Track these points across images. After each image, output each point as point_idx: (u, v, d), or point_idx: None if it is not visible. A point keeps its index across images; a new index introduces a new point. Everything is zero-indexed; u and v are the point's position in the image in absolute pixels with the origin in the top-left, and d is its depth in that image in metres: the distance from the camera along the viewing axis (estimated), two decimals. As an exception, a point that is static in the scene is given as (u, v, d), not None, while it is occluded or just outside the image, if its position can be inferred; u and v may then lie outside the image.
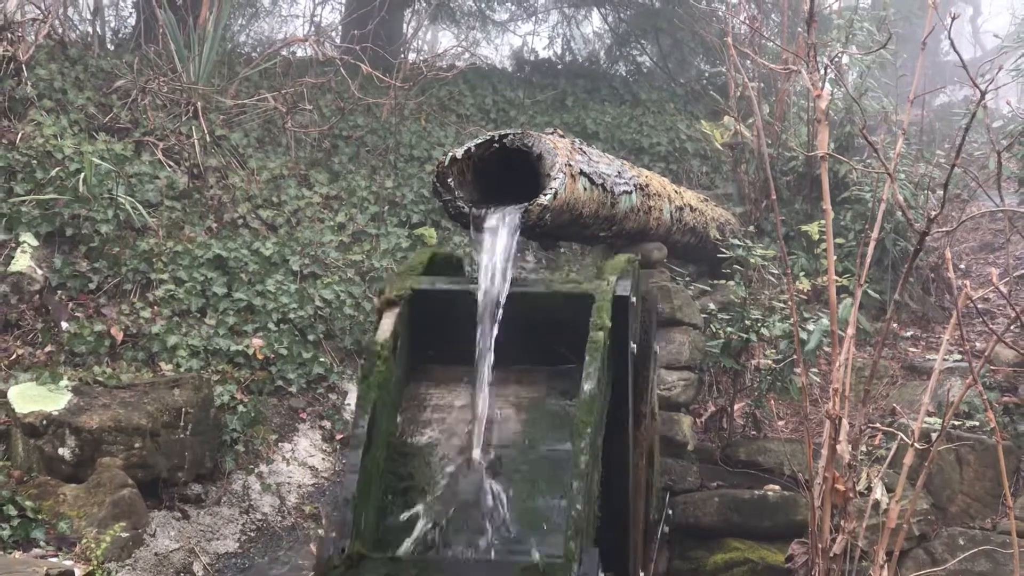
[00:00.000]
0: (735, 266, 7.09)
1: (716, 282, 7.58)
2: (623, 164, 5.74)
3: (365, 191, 9.05)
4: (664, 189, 6.55)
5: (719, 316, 6.87)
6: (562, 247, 8.61)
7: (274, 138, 9.54)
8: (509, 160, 4.27)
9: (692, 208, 7.17)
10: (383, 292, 3.65)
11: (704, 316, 6.99)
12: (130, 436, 5.73)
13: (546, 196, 4.09)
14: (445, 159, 4.19)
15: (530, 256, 8.49)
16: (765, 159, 5.29)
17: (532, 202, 4.05)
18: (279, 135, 9.54)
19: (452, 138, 10.42)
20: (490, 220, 3.97)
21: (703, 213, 7.46)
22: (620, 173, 5.41)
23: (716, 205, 8.32)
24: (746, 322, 6.63)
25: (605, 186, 5.00)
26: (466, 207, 4.10)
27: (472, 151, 4.23)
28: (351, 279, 7.81)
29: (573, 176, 4.41)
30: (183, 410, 6.00)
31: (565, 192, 4.25)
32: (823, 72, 4.26)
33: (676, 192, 6.94)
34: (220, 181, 8.44)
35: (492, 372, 3.53)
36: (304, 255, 7.80)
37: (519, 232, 3.97)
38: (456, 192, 4.13)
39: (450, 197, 4.12)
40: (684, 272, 7.47)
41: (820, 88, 3.98)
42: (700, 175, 11.39)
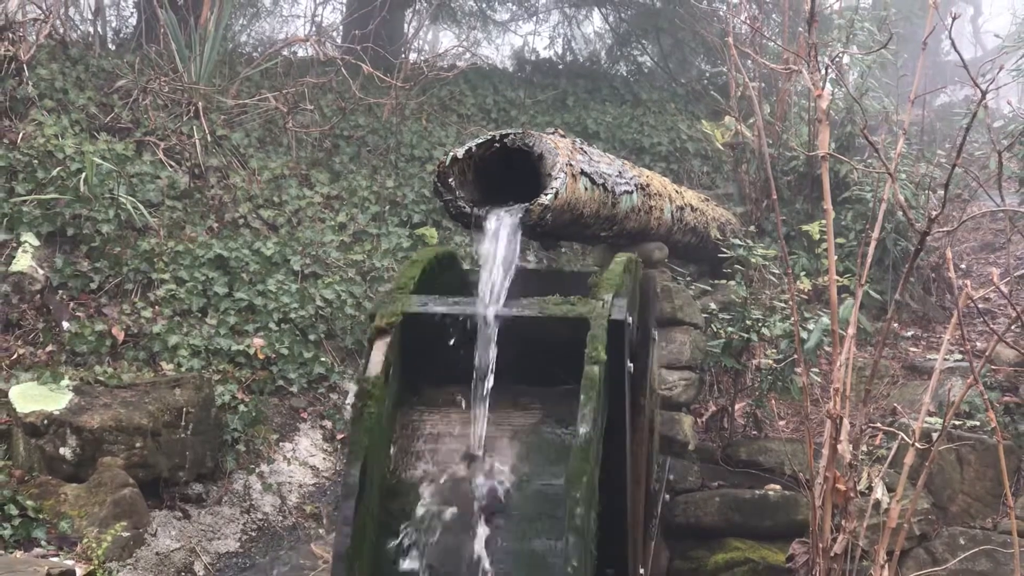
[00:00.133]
0: (736, 266, 7.08)
1: (717, 282, 7.58)
2: (624, 164, 5.74)
3: (366, 191, 9.05)
4: (665, 189, 6.55)
5: (720, 316, 6.87)
6: (563, 247, 8.61)
7: (275, 138, 9.55)
8: (510, 160, 4.27)
9: (693, 208, 7.17)
10: (374, 317, 3.52)
11: (705, 316, 6.99)
12: (131, 436, 5.74)
13: (547, 196, 4.08)
14: (446, 159, 4.19)
15: (531, 256, 8.49)
16: (766, 159, 5.29)
17: (533, 202, 4.04)
18: (280, 135, 9.55)
19: (453, 138, 10.43)
20: (491, 220, 3.97)
21: (704, 213, 7.46)
22: (621, 173, 5.41)
23: (717, 205, 8.32)
24: (747, 322, 6.63)
25: (606, 186, 5.00)
26: (467, 207, 4.09)
27: (473, 151, 4.23)
28: (352, 279, 7.81)
29: (574, 176, 4.40)
30: (184, 410, 6.01)
31: (566, 192, 4.25)
32: (824, 72, 4.26)
33: (677, 192, 6.94)
34: (221, 181, 8.45)
35: (488, 394, 3.46)
36: (305, 255, 7.80)
37: (520, 232, 3.97)
38: (457, 192, 4.13)
39: (451, 197, 4.12)
40: (685, 272, 7.47)
41: (821, 88, 3.98)
42: (701, 175, 11.39)
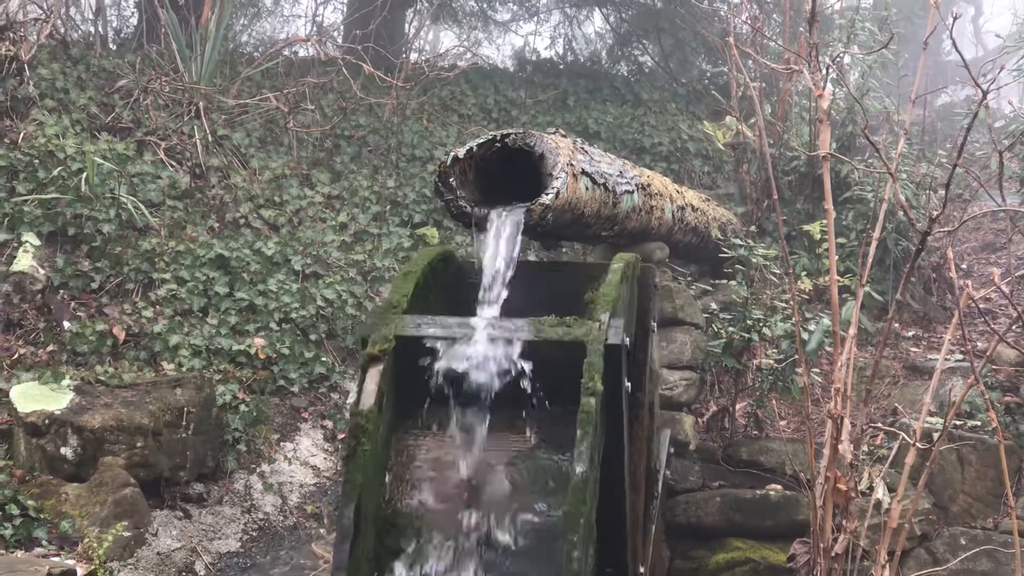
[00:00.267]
0: (737, 266, 7.08)
1: (718, 282, 7.58)
2: (625, 164, 5.74)
3: (367, 191, 9.05)
4: (666, 189, 6.55)
5: (721, 316, 6.86)
6: (564, 246, 8.61)
7: (276, 138, 9.55)
8: (511, 160, 4.27)
9: (694, 208, 7.16)
10: (366, 341, 3.44)
11: (706, 316, 6.99)
12: (132, 435, 5.74)
13: (548, 196, 4.08)
14: (447, 159, 4.18)
15: (532, 256, 8.49)
16: (767, 159, 5.29)
17: (534, 202, 4.04)
18: (281, 135, 9.55)
19: (454, 138, 10.43)
20: (492, 220, 3.97)
21: (705, 213, 7.46)
22: (622, 173, 5.41)
23: (718, 205, 8.31)
24: (748, 322, 6.63)
25: (607, 186, 4.99)
26: (468, 207, 4.09)
27: (474, 151, 4.23)
28: (353, 279, 7.81)
29: (575, 176, 4.40)
30: (185, 409, 6.01)
31: (567, 192, 4.25)
32: (825, 72, 4.26)
33: (678, 192, 6.94)
34: (222, 181, 8.45)
35: (485, 415, 3.41)
36: (306, 255, 7.80)
37: (521, 231, 3.96)
38: (458, 192, 4.13)
39: (452, 197, 4.12)
40: (686, 272, 7.47)
41: (822, 88, 3.98)
42: (702, 175, 11.39)
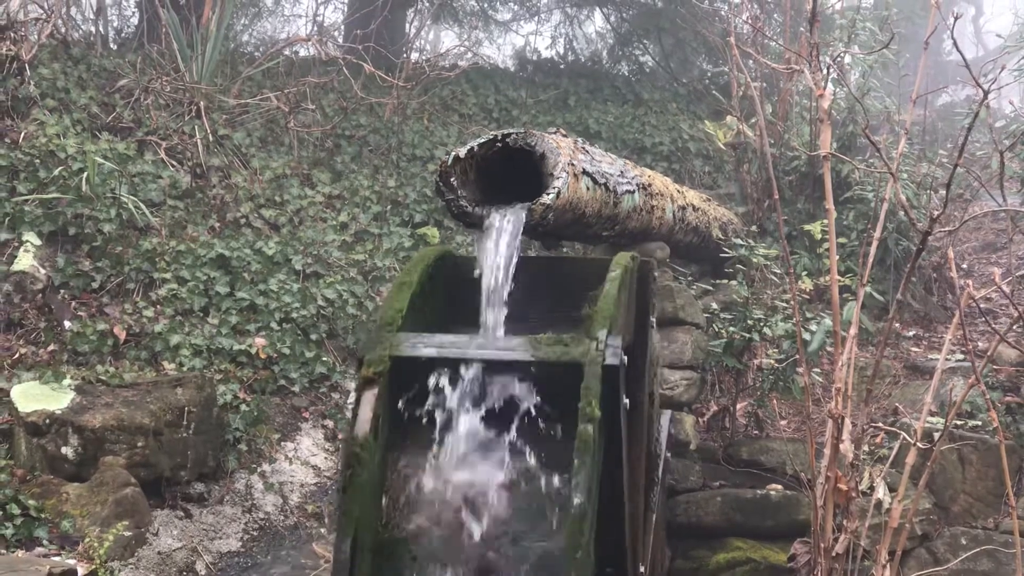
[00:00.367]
0: (738, 266, 7.08)
1: (719, 282, 7.58)
2: (626, 164, 5.74)
3: (368, 190, 9.06)
4: (667, 189, 6.55)
5: (722, 316, 6.86)
6: (565, 246, 8.60)
7: (277, 138, 9.55)
8: (512, 159, 4.26)
9: (695, 208, 7.16)
10: (361, 363, 3.38)
11: (707, 316, 6.98)
12: (133, 435, 5.74)
13: (549, 195, 4.08)
14: (448, 158, 4.17)
15: (532, 255, 8.48)
16: (768, 159, 5.30)
17: (535, 201, 4.03)
18: (282, 135, 9.55)
19: (455, 138, 10.43)
20: (493, 219, 3.96)
21: (706, 213, 7.46)
22: (623, 172, 5.41)
23: (718, 205, 8.31)
24: (748, 322, 6.63)
25: (608, 185, 4.99)
26: (469, 206, 4.08)
27: (475, 150, 4.22)
28: (354, 278, 7.81)
29: (576, 175, 4.40)
30: (186, 409, 6.01)
31: (568, 191, 4.25)
32: (826, 72, 4.26)
33: (679, 192, 6.94)
34: (223, 180, 8.45)
35: (480, 435, 3.37)
36: (307, 254, 7.80)
37: (522, 231, 3.95)
38: (459, 191, 4.12)
39: (453, 196, 4.11)
40: (687, 272, 7.47)
41: (823, 88, 3.98)
42: (702, 175, 11.39)
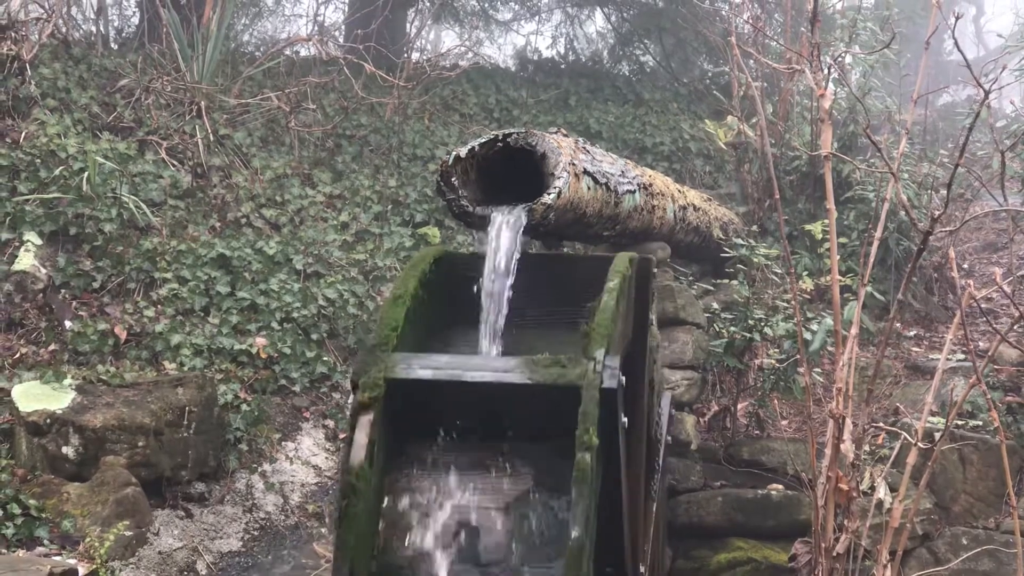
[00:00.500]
0: (738, 265, 7.08)
1: (719, 281, 7.58)
2: (626, 163, 5.73)
3: (368, 190, 9.06)
4: (667, 188, 6.54)
5: (722, 315, 6.86)
6: (565, 246, 8.59)
7: (277, 137, 9.55)
8: (513, 159, 4.25)
9: (695, 207, 7.16)
10: (356, 386, 3.29)
11: (707, 315, 6.98)
12: (134, 435, 5.75)
13: (550, 195, 4.07)
14: (449, 158, 4.16)
15: (533, 253, 8.48)
16: (768, 158, 5.30)
17: (536, 201, 4.02)
18: (282, 134, 9.55)
19: (455, 137, 10.43)
20: (494, 219, 3.95)
21: (706, 212, 7.45)
22: (624, 172, 5.40)
23: (719, 205, 8.31)
24: (749, 321, 6.63)
25: (609, 185, 4.99)
26: (470, 206, 4.07)
27: (476, 150, 4.21)
28: (354, 278, 7.81)
29: (577, 175, 4.39)
30: (187, 409, 6.01)
31: (569, 191, 4.24)
32: (826, 72, 4.25)
33: (679, 191, 6.93)
34: (224, 180, 8.45)
35: (476, 455, 3.35)
36: (307, 254, 7.80)
37: (523, 231, 3.95)
38: (460, 191, 4.11)
39: (454, 196, 4.10)
40: (687, 271, 7.46)
41: (824, 88, 3.98)
42: (703, 175, 11.39)
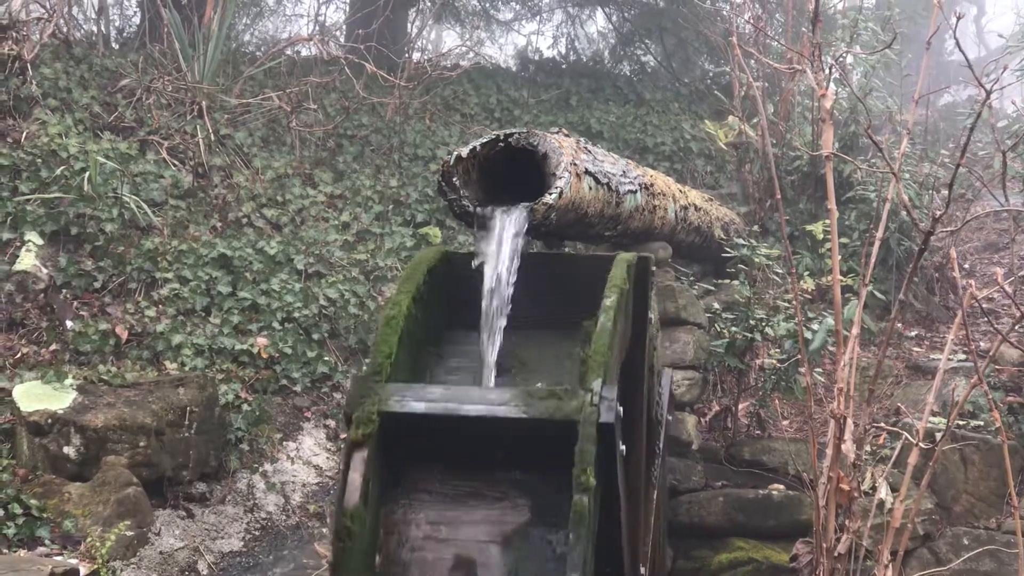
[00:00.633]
0: (739, 265, 7.08)
1: (720, 281, 7.58)
2: (628, 163, 5.73)
3: (369, 190, 9.06)
4: (669, 188, 6.54)
5: (723, 316, 6.86)
6: (567, 246, 8.60)
7: (278, 137, 9.55)
8: (514, 159, 4.25)
9: (697, 207, 7.16)
10: (350, 420, 3.25)
11: (709, 315, 6.98)
12: (135, 435, 5.75)
13: (551, 195, 4.07)
14: (450, 158, 4.16)
15: (534, 252, 8.47)
16: (770, 159, 5.30)
17: (538, 201, 4.02)
18: (283, 134, 9.55)
19: (457, 137, 10.43)
20: (495, 219, 3.95)
21: (707, 212, 7.45)
22: (625, 172, 5.40)
23: (720, 205, 8.31)
24: (750, 321, 6.63)
25: (610, 185, 4.99)
26: (471, 206, 4.07)
27: (477, 150, 4.21)
28: (355, 278, 7.81)
29: (578, 175, 4.40)
30: (188, 409, 6.01)
31: (570, 191, 4.24)
32: (828, 72, 4.26)
33: (681, 191, 6.93)
34: (225, 180, 8.45)
35: (473, 486, 3.33)
36: (308, 254, 7.80)
37: (524, 231, 3.95)
38: (461, 191, 4.11)
39: (455, 196, 4.10)
40: (689, 271, 7.46)
41: (825, 88, 3.98)
42: (704, 175, 11.39)
